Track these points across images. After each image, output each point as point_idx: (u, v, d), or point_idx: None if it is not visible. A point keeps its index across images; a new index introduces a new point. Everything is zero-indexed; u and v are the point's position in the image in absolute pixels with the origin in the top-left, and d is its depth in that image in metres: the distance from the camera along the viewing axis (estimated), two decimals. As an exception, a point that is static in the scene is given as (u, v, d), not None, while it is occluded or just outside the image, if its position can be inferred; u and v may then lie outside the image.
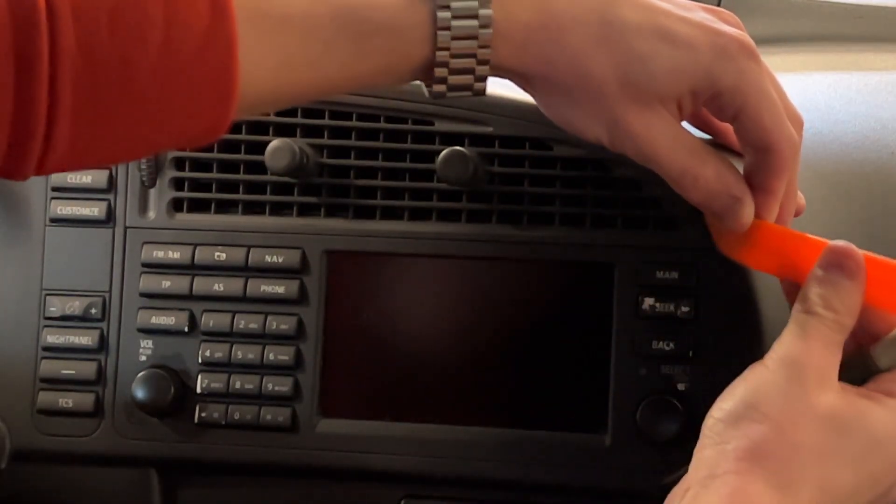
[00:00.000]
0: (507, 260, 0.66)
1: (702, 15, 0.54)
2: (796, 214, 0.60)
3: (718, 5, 0.90)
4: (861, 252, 0.54)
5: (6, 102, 0.43)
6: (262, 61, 0.47)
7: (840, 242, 0.54)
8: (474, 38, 0.51)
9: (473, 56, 0.51)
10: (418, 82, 0.54)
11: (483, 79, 0.52)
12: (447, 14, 0.50)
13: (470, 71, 0.52)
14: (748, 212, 0.56)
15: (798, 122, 0.57)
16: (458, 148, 0.65)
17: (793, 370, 0.52)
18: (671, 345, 0.65)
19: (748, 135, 0.55)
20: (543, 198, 0.66)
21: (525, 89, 0.56)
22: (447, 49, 0.51)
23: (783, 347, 0.53)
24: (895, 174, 0.69)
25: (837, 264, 0.54)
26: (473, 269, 0.67)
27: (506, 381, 0.67)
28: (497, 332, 0.67)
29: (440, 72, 0.52)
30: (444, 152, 0.65)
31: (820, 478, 0.50)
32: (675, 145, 0.54)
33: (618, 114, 0.53)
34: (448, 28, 0.50)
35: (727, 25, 0.55)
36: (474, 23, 0.50)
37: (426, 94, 0.54)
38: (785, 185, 0.57)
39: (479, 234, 0.66)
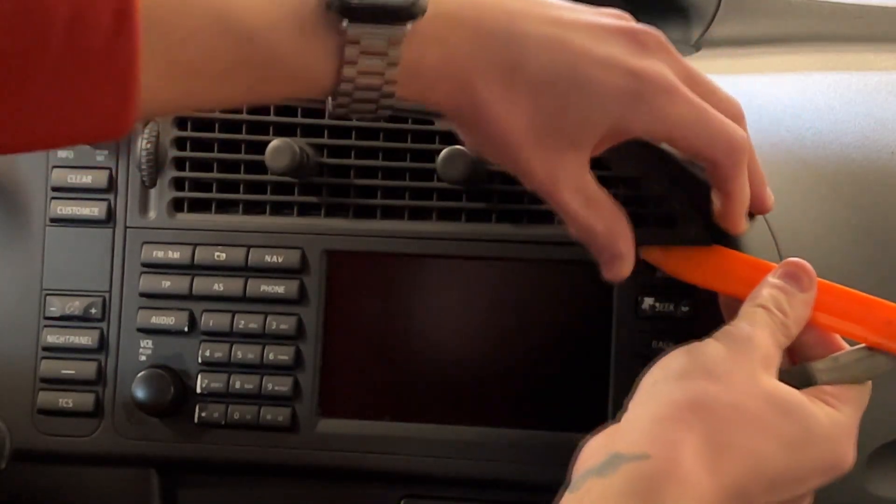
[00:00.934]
0: (508, 259, 0.66)
1: (619, 42, 0.53)
2: (763, 212, 0.60)
3: (719, 6, 0.90)
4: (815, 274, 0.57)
5: None
6: (162, 75, 0.47)
7: (796, 259, 0.57)
8: (380, 74, 0.50)
9: (378, 90, 0.50)
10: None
11: (387, 108, 0.52)
12: (355, 51, 0.49)
13: (373, 101, 0.51)
14: (626, 270, 0.56)
15: (735, 111, 0.56)
16: (458, 147, 0.65)
17: (741, 346, 0.53)
18: (671, 345, 0.65)
19: (686, 154, 0.56)
20: (543, 197, 0.66)
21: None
22: (352, 82, 0.50)
23: (734, 328, 0.54)
24: (895, 174, 0.69)
25: (793, 275, 0.56)
26: (473, 268, 0.67)
27: (506, 380, 0.67)
28: (497, 331, 0.67)
29: (343, 100, 0.51)
30: (444, 151, 0.65)
31: (753, 450, 0.50)
32: (575, 194, 0.54)
33: (522, 159, 0.53)
34: (354, 63, 0.49)
35: (644, 47, 0.53)
36: (381, 62, 0.49)
37: (329, 107, 0.52)
38: (744, 185, 0.56)
39: (480, 233, 0.66)
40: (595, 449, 0.52)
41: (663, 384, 0.52)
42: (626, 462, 0.48)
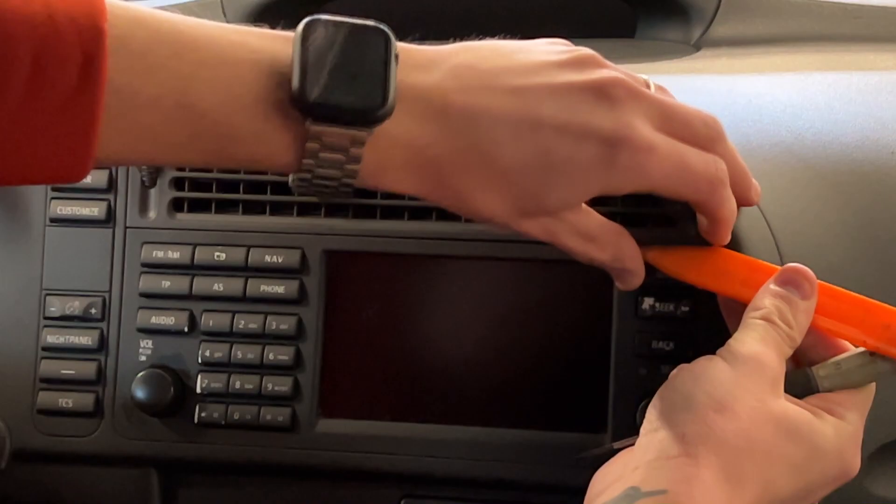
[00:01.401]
0: (507, 259, 0.66)
1: (587, 101, 0.52)
2: (750, 205, 0.60)
3: (719, 6, 0.90)
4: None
5: None
6: (122, 134, 0.47)
7: (798, 265, 0.57)
8: (340, 168, 0.49)
9: (338, 180, 0.50)
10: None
11: (348, 190, 0.51)
12: (316, 145, 0.49)
13: (333, 186, 0.51)
14: (637, 282, 0.58)
15: (713, 133, 0.55)
16: (457, 147, 0.65)
17: (752, 368, 0.53)
18: (671, 345, 0.65)
19: (669, 199, 0.56)
20: (543, 197, 0.66)
21: None
22: (311, 171, 0.50)
23: (742, 346, 0.54)
24: (895, 174, 0.69)
25: (795, 282, 0.56)
26: (473, 268, 0.67)
27: (506, 380, 0.67)
28: (497, 331, 0.67)
29: (303, 184, 0.51)
30: (443, 152, 0.65)
31: (765, 478, 0.51)
32: (575, 237, 0.54)
33: (514, 228, 0.53)
34: (315, 156, 0.49)
35: (614, 101, 0.52)
36: (343, 156, 0.49)
37: (290, 182, 0.52)
38: (731, 207, 0.56)
39: (479, 233, 0.66)
40: (610, 479, 0.52)
41: (674, 413, 0.52)
42: (644, 497, 0.49)
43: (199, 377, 0.68)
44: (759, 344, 0.54)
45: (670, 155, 0.53)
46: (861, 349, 0.57)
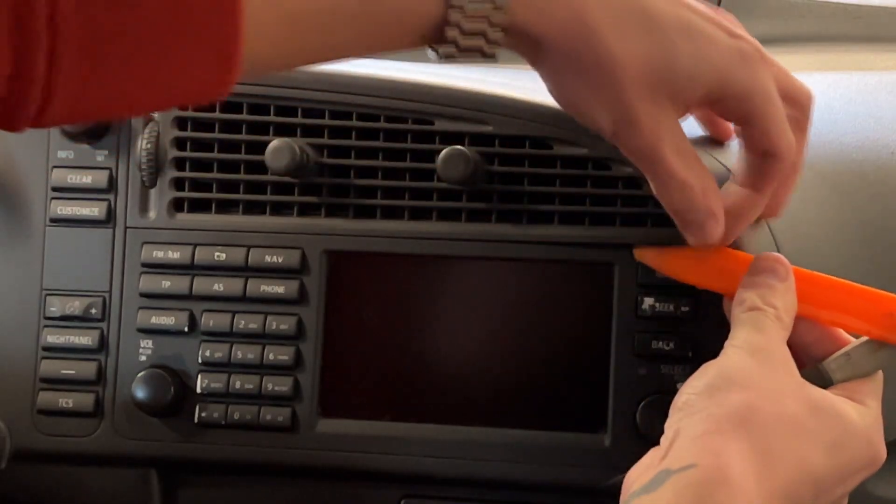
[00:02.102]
0: (508, 259, 0.66)
1: (716, 15, 0.54)
2: (770, 216, 0.60)
3: (719, 5, 0.90)
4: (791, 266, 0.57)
5: (2, 55, 0.40)
6: (267, 25, 0.45)
7: (764, 253, 0.58)
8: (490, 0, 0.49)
9: (486, 18, 0.49)
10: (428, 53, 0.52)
11: (496, 43, 0.50)
12: None
13: (482, 34, 0.49)
14: (720, 229, 0.56)
15: (805, 97, 0.57)
16: (458, 147, 0.65)
17: (761, 356, 0.53)
18: (671, 345, 0.65)
19: (754, 140, 0.55)
20: (543, 196, 0.66)
21: (534, 63, 0.53)
22: (460, 8, 0.49)
23: (742, 340, 0.54)
24: (895, 174, 0.69)
25: (768, 270, 0.57)
26: (473, 268, 0.67)
27: (505, 380, 0.67)
28: (497, 331, 0.67)
29: (451, 33, 0.49)
30: (444, 151, 0.65)
31: (797, 455, 0.50)
32: (675, 150, 0.53)
33: (630, 104, 0.51)
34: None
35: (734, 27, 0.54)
36: None
37: (434, 58, 0.51)
38: (774, 188, 0.57)
39: (480, 233, 0.66)
40: (640, 471, 0.51)
41: (697, 401, 0.51)
42: (674, 475, 0.48)
43: (199, 377, 0.68)
44: (755, 334, 0.54)
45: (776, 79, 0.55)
46: (865, 338, 0.57)
